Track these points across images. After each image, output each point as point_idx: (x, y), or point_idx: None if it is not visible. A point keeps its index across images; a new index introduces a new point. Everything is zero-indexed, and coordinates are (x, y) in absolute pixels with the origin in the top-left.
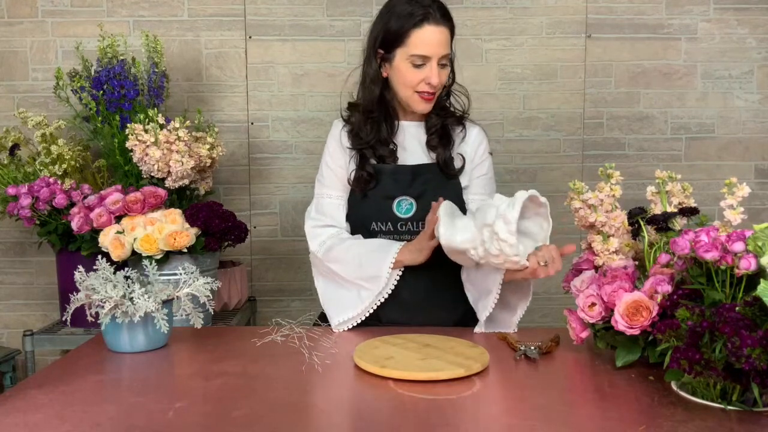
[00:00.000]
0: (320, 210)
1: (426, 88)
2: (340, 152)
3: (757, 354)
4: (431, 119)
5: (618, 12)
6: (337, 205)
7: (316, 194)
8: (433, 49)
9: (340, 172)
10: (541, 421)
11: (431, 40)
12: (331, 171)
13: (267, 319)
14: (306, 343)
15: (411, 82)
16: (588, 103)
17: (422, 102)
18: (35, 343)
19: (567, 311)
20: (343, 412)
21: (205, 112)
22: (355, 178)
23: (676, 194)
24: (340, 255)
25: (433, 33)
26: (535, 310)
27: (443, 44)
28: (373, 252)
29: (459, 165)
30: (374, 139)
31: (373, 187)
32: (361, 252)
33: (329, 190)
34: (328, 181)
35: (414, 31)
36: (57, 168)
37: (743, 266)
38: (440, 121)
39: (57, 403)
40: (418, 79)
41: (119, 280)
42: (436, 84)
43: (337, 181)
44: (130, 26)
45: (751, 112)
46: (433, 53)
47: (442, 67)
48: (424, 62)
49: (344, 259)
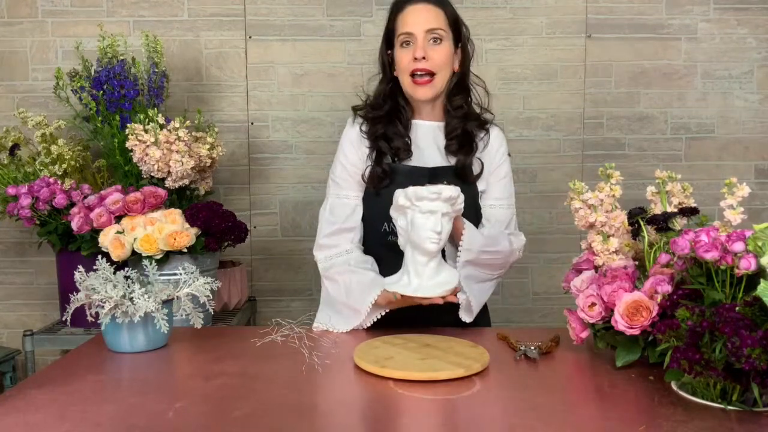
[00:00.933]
0: (334, 212)
1: (415, 65)
2: (353, 149)
3: (757, 354)
4: (451, 122)
5: (618, 12)
6: (353, 206)
7: (330, 194)
8: (416, 25)
9: (354, 170)
10: (541, 421)
11: (413, 17)
12: (345, 170)
13: (267, 319)
14: (306, 343)
15: (403, 64)
16: (588, 103)
17: (418, 87)
18: (35, 343)
19: (567, 311)
20: (343, 412)
21: (205, 112)
22: (370, 175)
23: (676, 194)
24: (335, 276)
25: (416, 11)
26: (535, 310)
27: (428, 20)
28: (361, 285)
29: (477, 170)
30: (389, 131)
31: (387, 185)
32: (353, 280)
33: (343, 191)
34: (341, 181)
35: (399, 15)
36: (57, 168)
37: (743, 266)
38: (461, 125)
39: (57, 403)
40: (408, 59)
41: (119, 280)
42: (421, 56)
43: (351, 181)
44: (130, 26)
45: (751, 112)
46: (415, 29)
47: (434, 42)
48: (409, 40)
49: (337, 281)
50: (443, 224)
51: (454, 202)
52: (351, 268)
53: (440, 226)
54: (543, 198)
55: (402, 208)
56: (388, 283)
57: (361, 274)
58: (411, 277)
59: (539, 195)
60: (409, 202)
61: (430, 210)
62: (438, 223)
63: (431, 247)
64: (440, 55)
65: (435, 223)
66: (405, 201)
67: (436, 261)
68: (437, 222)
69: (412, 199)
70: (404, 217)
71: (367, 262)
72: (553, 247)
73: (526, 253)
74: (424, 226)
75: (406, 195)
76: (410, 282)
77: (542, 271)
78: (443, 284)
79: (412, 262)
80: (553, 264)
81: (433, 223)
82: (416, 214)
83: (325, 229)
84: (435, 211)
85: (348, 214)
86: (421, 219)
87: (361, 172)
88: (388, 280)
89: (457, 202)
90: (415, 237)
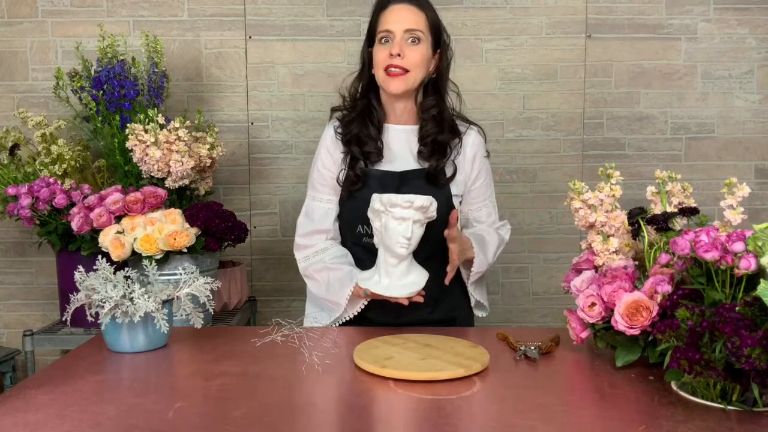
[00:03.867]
0: (308, 214)
1: (390, 61)
2: (328, 154)
3: (757, 354)
4: (426, 127)
5: (618, 12)
6: (326, 209)
7: (307, 196)
8: (395, 24)
9: (328, 174)
10: (541, 421)
11: (394, 16)
12: (320, 173)
13: (267, 319)
14: (306, 343)
15: (379, 60)
16: (588, 103)
17: (390, 80)
18: (35, 343)
19: (567, 311)
20: (343, 412)
21: (205, 112)
22: (345, 179)
23: (676, 194)
24: (313, 274)
25: (397, 10)
26: (535, 310)
27: (408, 20)
28: (338, 280)
29: (450, 173)
30: (361, 133)
31: (360, 188)
32: (330, 277)
33: (318, 193)
34: (317, 184)
35: (382, 13)
36: (57, 168)
37: (743, 266)
38: (435, 133)
39: (57, 403)
40: (384, 54)
41: (119, 280)
42: (396, 53)
43: (325, 184)
44: (130, 26)
45: (751, 112)
46: (394, 27)
47: (412, 43)
48: (387, 37)
49: (316, 279)
50: (414, 230)
51: (426, 211)
52: (327, 266)
53: (410, 233)
54: (543, 198)
55: (377, 212)
56: (361, 279)
57: (337, 270)
58: (382, 276)
59: (539, 195)
60: (384, 207)
61: (402, 216)
62: (408, 230)
63: (401, 251)
64: (416, 54)
65: (406, 229)
66: (380, 206)
67: (406, 263)
68: (408, 228)
69: (387, 205)
70: (379, 220)
71: (343, 255)
72: (553, 247)
73: (526, 253)
74: (396, 231)
75: (381, 201)
76: (380, 281)
77: (542, 271)
78: (411, 285)
79: (384, 263)
80: (553, 264)
81: (404, 229)
82: (390, 219)
83: (300, 230)
84: (407, 219)
85: (322, 215)
86: (393, 224)
87: (335, 176)
88: (361, 276)
89: (429, 210)
90: (387, 240)
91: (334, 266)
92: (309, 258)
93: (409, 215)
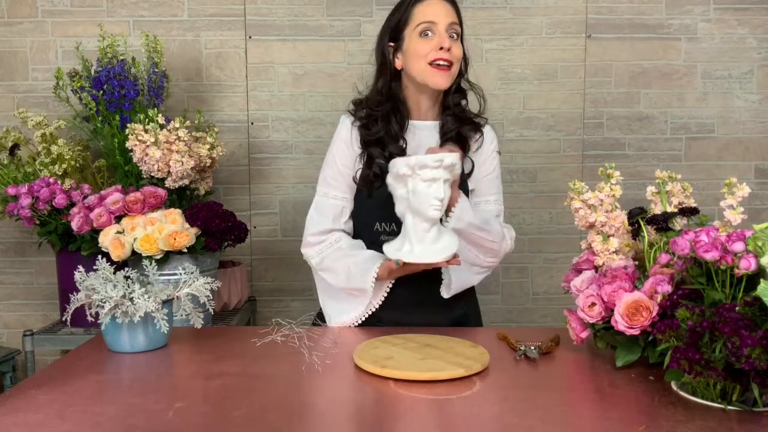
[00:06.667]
0: (320, 211)
1: (439, 54)
2: (346, 150)
3: (757, 354)
4: (447, 123)
5: (618, 12)
6: (340, 207)
7: (318, 192)
8: (439, 16)
9: (345, 171)
10: (541, 421)
11: (436, 8)
12: (335, 170)
13: (267, 319)
14: (306, 343)
15: (422, 52)
16: (588, 103)
17: (438, 73)
18: (35, 343)
19: (567, 311)
20: (343, 412)
21: (205, 112)
22: (362, 177)
23: (676, 194)
24: (331, 265)
25: (437, 4)
26: (535, 310)
27: (450, 14)
28: (359, 265)
29: (468, 170)
30: (384, 133)
31: (379, 186)
32: (350, 263)
33: (332, 190)
34: (331, 180)
35: (417, 5)
36: (57, 168)
37: (743, 266)
38: (456, 127)
39: (57, 403)
40: (429, 48)
41: (119, 280)
42: (447, 47)
43: (341, 180)
44: (130, 26)
45: (751, 112)
46: (438, 19)
47: (453, 38)
48: (431, 29)
49: (335, 269)
50: (444, 190)
51: (453, 169)
52: (345, 253)
53: (442, 193)
54: (543, 198)
55: (403, 177)
56: (389, 251)
57: (356, 256)
58: (413, 243)
59: (539, 195)
60: (411, 170)
61: (432, 177)
62: (440, 190)
63: (434, 214)
64: (458, 49)
65: (437, 190)
66: (407, 170)
67: (437, 228)
68: (439, 188)
69: (415, 167)
70: (404, 185)
71: (358, 245)
72: (553, 247)
73: (526, 253)
74: (427, 194)
75: (407, 164)
76: (413, 249)
77: (542, 271)
78: (445, 249)
79: (414, 229)
80: (553, 264)
81: (435, 190)
82: (418, 182)
83: (312, 228)
84: (437, 179)
85: (336, 214)
86: (423, 186)
87: (352, 174)
88: (389, 249)
89: (455, 168)
90: (417, 204)
91: (353, 253)
92: (324, 251)
93: (440, 175)
